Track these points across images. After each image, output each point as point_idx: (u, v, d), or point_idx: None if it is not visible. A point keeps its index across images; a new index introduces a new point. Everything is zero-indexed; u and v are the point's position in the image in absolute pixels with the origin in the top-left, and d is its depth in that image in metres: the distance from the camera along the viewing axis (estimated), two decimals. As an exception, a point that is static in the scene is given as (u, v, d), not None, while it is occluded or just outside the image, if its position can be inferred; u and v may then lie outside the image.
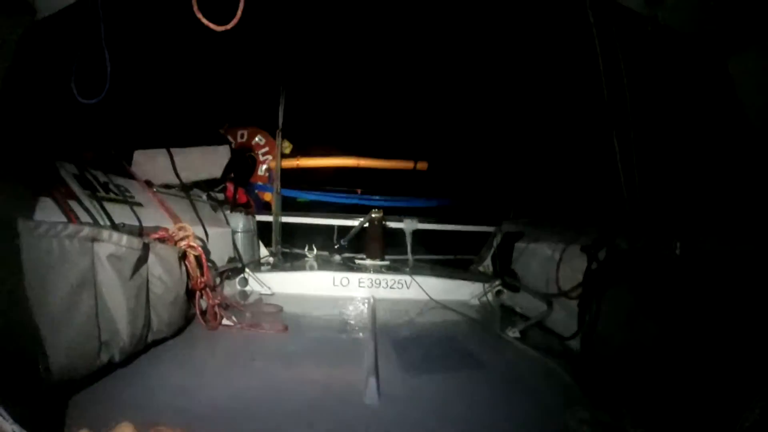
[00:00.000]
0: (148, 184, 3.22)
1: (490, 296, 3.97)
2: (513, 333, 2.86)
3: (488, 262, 5.05)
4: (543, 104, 4.54)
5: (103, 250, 1.87)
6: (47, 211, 1.94)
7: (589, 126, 3.45)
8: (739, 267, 1.72)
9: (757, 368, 1.44)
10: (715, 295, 1.76)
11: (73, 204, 2.11)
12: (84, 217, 2.12)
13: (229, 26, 1.75)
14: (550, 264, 3.15)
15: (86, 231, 1.78)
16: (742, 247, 1.79)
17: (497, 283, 4.01)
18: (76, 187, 2.24)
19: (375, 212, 4.61)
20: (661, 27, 2.14)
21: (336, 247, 5.15)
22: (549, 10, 3.65)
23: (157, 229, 2.53)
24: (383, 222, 4.75)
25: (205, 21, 1.71)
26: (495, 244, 4.95)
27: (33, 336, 1.48)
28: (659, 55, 2.48)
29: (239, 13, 1.72)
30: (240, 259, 4.05)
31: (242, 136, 5.36)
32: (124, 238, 1.95)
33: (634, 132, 2.39)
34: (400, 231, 5.17)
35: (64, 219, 1.98)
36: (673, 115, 2.69)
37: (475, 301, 3.97)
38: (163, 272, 2.28)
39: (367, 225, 4.78)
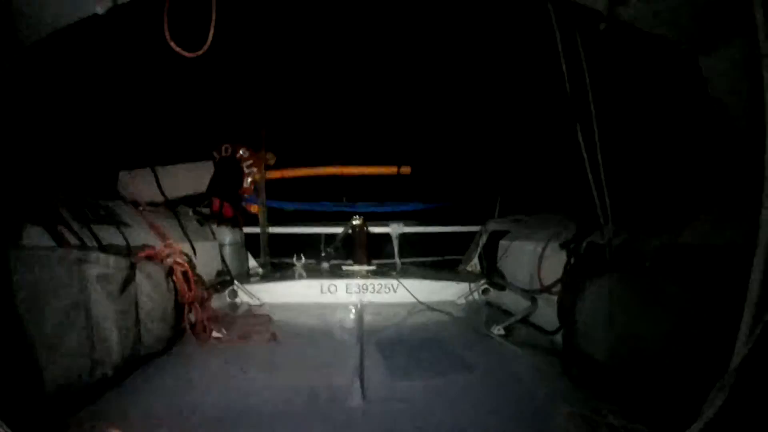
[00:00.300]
0: (135, 204, 3.26)
1: (476, 295, 4.04)
2: (498, 331, 2.92)
3: (475, 261, 5.10)
4: (520, 104, 4.62)
5: (92, 271, 1.92)
6: (37, 237, 1.98)
7: (565, 125, 3.54)
8: (712, 260, 1.78)
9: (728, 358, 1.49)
10: (690, 287, 1.81)
11: (62, 228, 2.16)
12: (73, 240, 2.16)
13: (200, 52, 1.80)
14: (533, 261, 3.22)
15: (74, 254, 1.84)
16: (715, 241, 1.84)
17: (483, 282, 4.08)
18: (63, 211, 2.29)
19: (356, 219, 4.67)
20: (625, 26, 2.20)
21: (323, 255, 5.19)
22: (517, 14, 3.73)
23: (144, 247, 2.58)
24: (366, 228, 4.80)
25: (177, 49, 1.76)
26: (481, 243, 5.00)
27: (28, 357, 1.53)
28: (626, 55, 2.55)
29: (209, 40, 1.77)
30: (228, 272, 4.08)
31: (226, 150, 5.37)
32: (111, 259, 2.01)
33: (599, 130, 2.44)
34: (388, 236, 5.23)
35: (53, 244, 2.03)
36: (646, 114, 2.77)
37: (462, 301, 4.03)
38: (151, 289, 2.33)
39: (350, 232, 4.83)
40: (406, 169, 5.63)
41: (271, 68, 4.94)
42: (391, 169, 5.62)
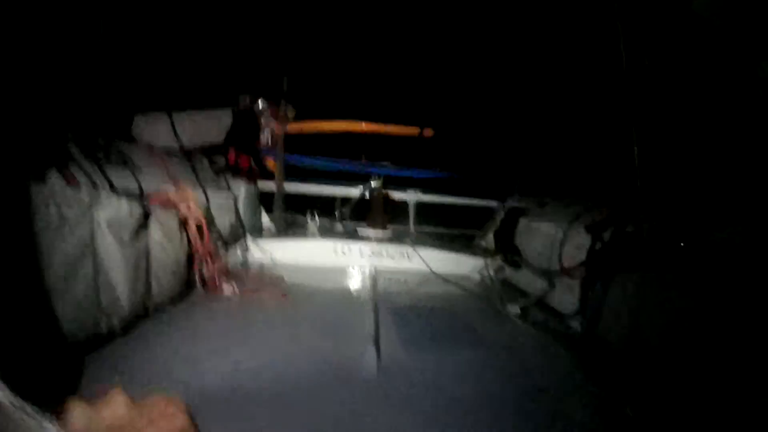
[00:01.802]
0: (150, 147, 3.16)
1: (491, 271, 3.95)
2: (513, 309, 2.85)
3: (491, 237, 5.02)
4: (555, 80, 4.45)
5: (102, 214, 1.83)
6: (47, 176, 1.89)
7: (602, 106, 3.39)
8: (748, 258, 1.70)
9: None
10: (724, 285, 1.74)
11: (73, 168, 2.06)
12: (84, 181, 2.07)
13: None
14: (554, 242, 3.13)
15: (85, 195, 1.75)
16: (751, 238, 1.76)
17: (499, 258, 3.99)
18: (75, 151, 2.19)
19: (375, 180, 4.53)
20: (692, 14, 2.08)
21: (338, 215, 5.11)
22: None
23: (157, 194, 2.49)
24: (384, 192, 4.69)
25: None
26: (498, 219, 4.92)
27: (33, 303, 1.46)
28: (685, 42, 2.41)
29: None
30: (241, 226, 4.01)
31: (244, 100, 5.24)
32: (124, 203, 1.92)
33: (651, 115, 2.33)
34: (403, 202, 5.14)
35: (63, 184, 1.94)
36: (694, 104, 2.63)
37: (476, 276, 3.96)
38: (163, 238, 2.26)
39: (368, 194, 4.73)
40: (428, 132, 5.49)
41: (295, 19, 4.78)
42: (414, 130, 5.48)
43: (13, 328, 1.34)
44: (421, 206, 5.21)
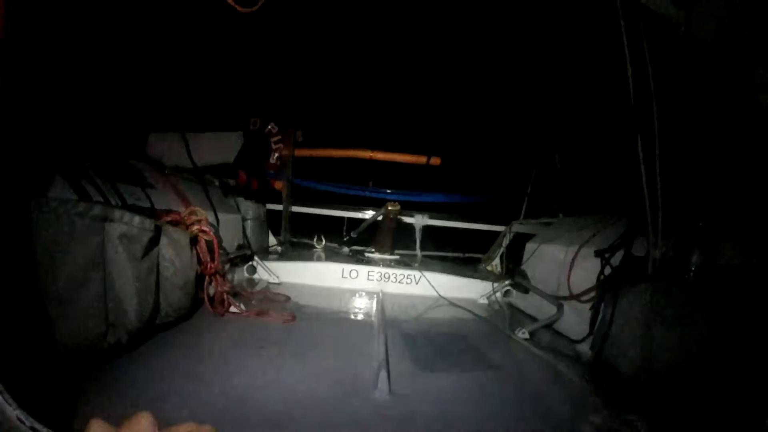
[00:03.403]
0: (161, 167, 3.20)
1: (498, 296, 3.94)
2: (522, 334, 2.83)
3: (497, 261, 5.02)
4: (560, 104, 4.49)
5: (114, 230, 1.84)
6: (59, 189, 1.92)
7: (607, 128, 3.41)
8: (760, 281, 1.69)
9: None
10: (735, 309, 1.73)
11: (85, 183, 2.09)
12: (96, 196, 2.10)
13: (254, 8, 1.71)
14: (562, 266, 3.11)
15: (98, 209, 1.75)
16: (762, 261, 1.75)
17: (506, 282, 3.98)
18: (88, 167, 2.22)
19: (392, 205, 4.55)
20: (688, 34, 2.11)
21: (345, 239, 5.13)
22: (573, 8, 3.59)
23: (169, 211, 2.51)
24: (397, 216, 4.71)
25: (230, 1, 1.67)
26: (504, 243, 4.92)
27: (40, 316, 1.46)
28: (685, 61, 2.43)
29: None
30: (249, 247, 4.03)
31: (254, 123, 5.32)
32: (137, 219, 1.93)
33: (658, 137, 2.34)
34: (408, 226, 5.16)
35: (75, 197, 1.96)
36: (697, 123, 2.64)
37: (484, 300, 3.94)
38: (174, 255, 2.26)
39: (380, 218, 4.74)
40: (435, 160, 5.54)
41: (309, 46, 4.87)
42: (421, 159, 5.54)
43: (21, 342, 1.35)
44: (426, 230, 5.22)
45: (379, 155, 5.43)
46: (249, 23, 1.87)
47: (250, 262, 3.86)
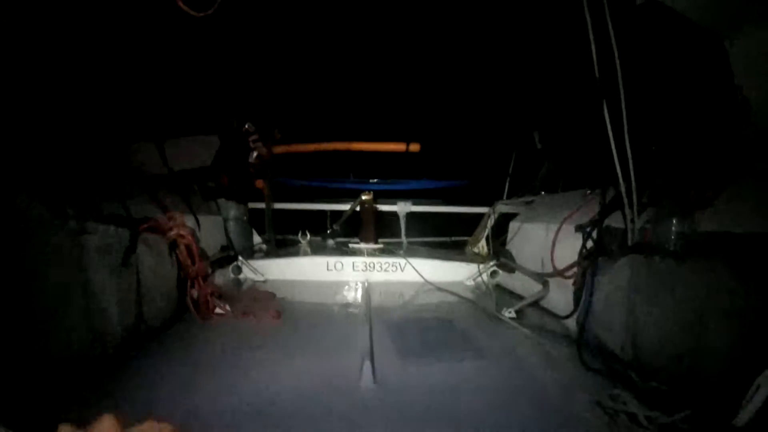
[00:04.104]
0: (137, 175, 3.16)
1: (485, 277, 3.97)
2: (509, 313, 2.85)
3: (482, 243, 5.04)
4: (534, 81, 4.49)
5: (91, 242, 1.83)
6: (33, 206, 1.89)
7: (582, 103, 3.42)
8: (736, 249, 1.71)
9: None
10: (717, 277, 1.75)
11: (59, 197, 2.06)
12: (71, 210, 2.07)
13: (209, 11, 1.70)
14: (545, 244, 3.14)
15: (72, 224, 1.75)
16: (735, 230, 1.77)
17: (492, 263, 4.00)
18: (63, 180, 2.19)
19: (365, 195, 4.56)
20: (656, 5, 2.11)
21: (329, 232, 5.12)
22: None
23: (147, 219, 2.49)
24: (375, 205, 4.71)
25: (184, 7, 1.65)
26: (489, 224, 4.94)
27: (22, 332, 1.45)
28: (654, 32, 2.45)
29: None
30: (232, 247, 4.01)
31: (232, 124, 5.28)
32: (111, 230, 1.93)
33: (627, 110, 2.35)
34: (395, 214, 5.16)
35: (49, 214, 1.93)
36: (669, 95, 2.66)
37: (470, 282, 3.97)
38: (153, 263, 2.25)
39: (359, 208, 4.74)
40: (415, 146, 5.53)
41: (277, 42, 4.81)
42: (400, 146, 5.52)
43: (3, 358, 1.34)
44: (411, 217, 5.23)
45: (357, 146, 5.41)
46: (212, 24, 1.84)
47: (235, 263, 3.85)
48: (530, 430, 1.56)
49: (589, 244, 2.61)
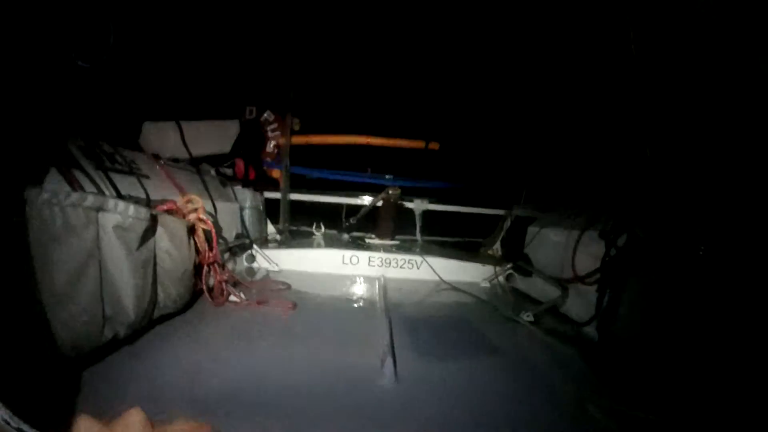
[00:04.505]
0: (156, 156, 3.14)
1: (501, 279, 3.91)
2: (527, 317, 2.80)
3: (498, 245, 4.99)
4: (558, 85, 4.42)
5: (108, 220, 1.79)
6: (51, 181, 1.86)
7: (607, 109, 3.36)
8: (763, 263, 1.66)
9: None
10: (739, 289, 1.70)
11: (78, 174, 2.03)
12: (89, 187, 2.03)
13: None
14: (565, 249, 3.08)
15: (91, 200, 1.70)
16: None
17: (509, 266, 3.94)
18: (81, 157, 2.16)
19: (392, 189, 4.50)
20: (692, 16, 2.06)
21: (345, 225, 5.09)
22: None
23: (165, 201, 2.46)
24: (398, 200, 4.66)
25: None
26: (505, 227, 4.89)
27: (34, 311, 1.41)
28: (688, 41, 2.38)
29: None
30: (247, 235, 3.98)
31: (251, 112, 5.26)
32: (131, 208, 1.88)
33: (657, 116, 2.30)
34: (408, 212, 5.12)
35: (68, 188, 1.90)
36: (700, 102, 2.59)
37: (486, 284, 3.91)
38: (171, 246, 2.21)
39: (380, 204, 4.69)
40: (434, 145, 5.49)
41: (303, 32, 4.78)
42: (419, 144, 5.48)
43: (14, 338, 1.30)
44: (426, 215, 5.19)
45: (377, 141, 5.37)
46: (244, 10, 1.80)
47: (249, 251, 3.82)
48: (543, 429, 1.54)
49: (612, 251, 2.55)
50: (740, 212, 1.92)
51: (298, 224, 5.32)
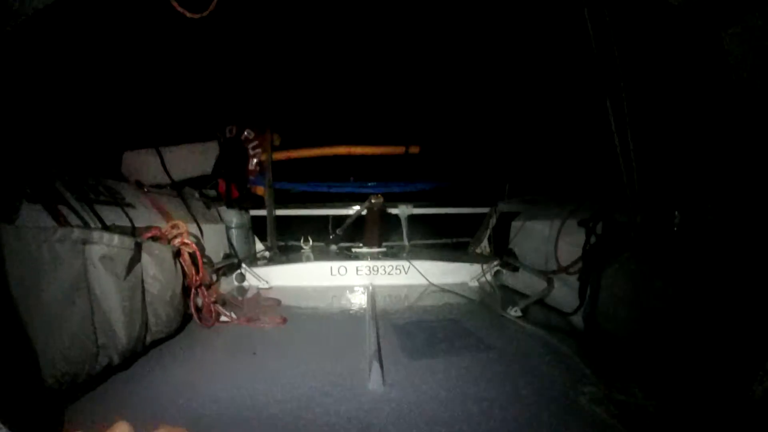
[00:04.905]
0: (138, 184, 3.17)
1: (489, 277, 3.95)
2: (514, 312, 2.84)
3: (485, 243, 5.04)
4: (533, 80, 4.49)
5: (94, 251, 1.83)
6: (37, 217, 1.90)
7: (581, 100, 3.42)
8: (739, 238, 1.71)
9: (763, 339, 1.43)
10: (718, 265, 1.74)
11: (63, 208, 2.07)
12: (74, 220, 2.07)
13: (205, 13, 1.69)
14: (548, 241, 3.13)
15: (76, 233, 1.74)
16: (740, 218, 1.76)
17: (495, 263, 4.00)
18: (65, 191, 2.19)
19: (375, 198, 4.54)
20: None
21: (332, 237, 5.12)
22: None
23: (149, 228, 2.49)
24: (382, 208, 4.70)
25: (180, 9, 1.65)
26: (491, 224, 4.94)
27: (27, 343, 1.44)
28: (652, 26, 2.45)
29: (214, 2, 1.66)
30: (235, 255, 4.01)
31: (230, 131, 5.29)
32: (116, 239, 1.92)
33: (628, 105, 2.35)
34: (395, 218, 5.16)
35: (54, 224, 1.93)
36: (667, 88, 2.66)
37: (474, 283, 3.96)
38: (157, 271, 2.24)
39: (365, 212, 4.73)
40: (414, 149, 5.55)
41: (275, 47, 4.82)
42: (399, 149, 5.53)
43: (9, 366, 1.33)
44: (412, 219, 5.23)
45: (357, 150, 5.42)
46: (209, 26, 1.84)
47: (239, 270, 3.85)
48: (536, 422, 1.56)
49: (593, 239, 2.61)
50: (718, 194, 1.97)
51: (286, 239, 5.34)
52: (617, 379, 1.85)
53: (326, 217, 5.34)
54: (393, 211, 5.13)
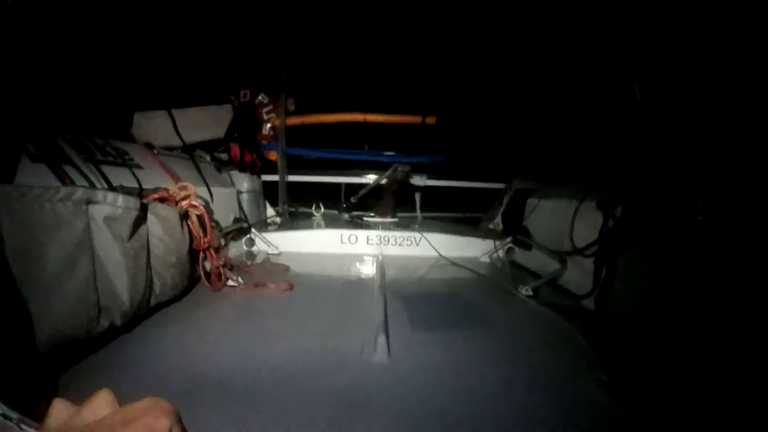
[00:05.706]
0: (149, 146, 3.13)
1: (500, 253, 3.90)
2: (525, 291, 2.80)
3: (498, 219, 4.97)
4: (555, 53, 4.35)
5: (98, 212, 1.79)
6: (41, 176, 1.87)
7: (604, 76, 3.30)
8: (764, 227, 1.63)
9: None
10: (740, 256, 1.68)
11: (68, 168, 2.03)
12: (80, 180, 2.03)
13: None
14: (564, 221, 3.06)
15: (80, 193, 1.70)
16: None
17: (508, 240, 3.93)
18: (71, 152, 2.15)
19: (402, 167, 4.45)
20: None
21: (345, 205, 5.07)
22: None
23: (157, 189, 2.45)
24: (406, 178, 4.64)
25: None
26: (505, 201, 4.86)
27: (27, 304, 1.41)
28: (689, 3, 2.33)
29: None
30: (246, 219, 3.98)
31: (245, 95, 5.22)
32: (120, 199, 1.87)
33: (658, 83, 2.26)
34: (407, 189, 5.09)
35: (58, 183, 1.90)
36: (699, 65, 2.54)
37: (486, 259, 3.90)
38: (163, 233, 2.21)
39: (384, 181, 4.66)
40: (431, 119, 5.44)
41: (292, 8, 4.70)
42: (416, 119, 5.43)
43: (8, 326, 1.31)
44: (426, 191, 5.16)
45: (373, 117, 5.32)
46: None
47: (248, 235, 3.82)
48: (540, 401, 1.53)
49: (610, 222, 2.53)
50: (738, 179, 1.89)
51: (297, 205, 5.31)
52: (627, 367, 1.82)
53: (338, 184, 5.29)
54: (410, 181, 5.04)
